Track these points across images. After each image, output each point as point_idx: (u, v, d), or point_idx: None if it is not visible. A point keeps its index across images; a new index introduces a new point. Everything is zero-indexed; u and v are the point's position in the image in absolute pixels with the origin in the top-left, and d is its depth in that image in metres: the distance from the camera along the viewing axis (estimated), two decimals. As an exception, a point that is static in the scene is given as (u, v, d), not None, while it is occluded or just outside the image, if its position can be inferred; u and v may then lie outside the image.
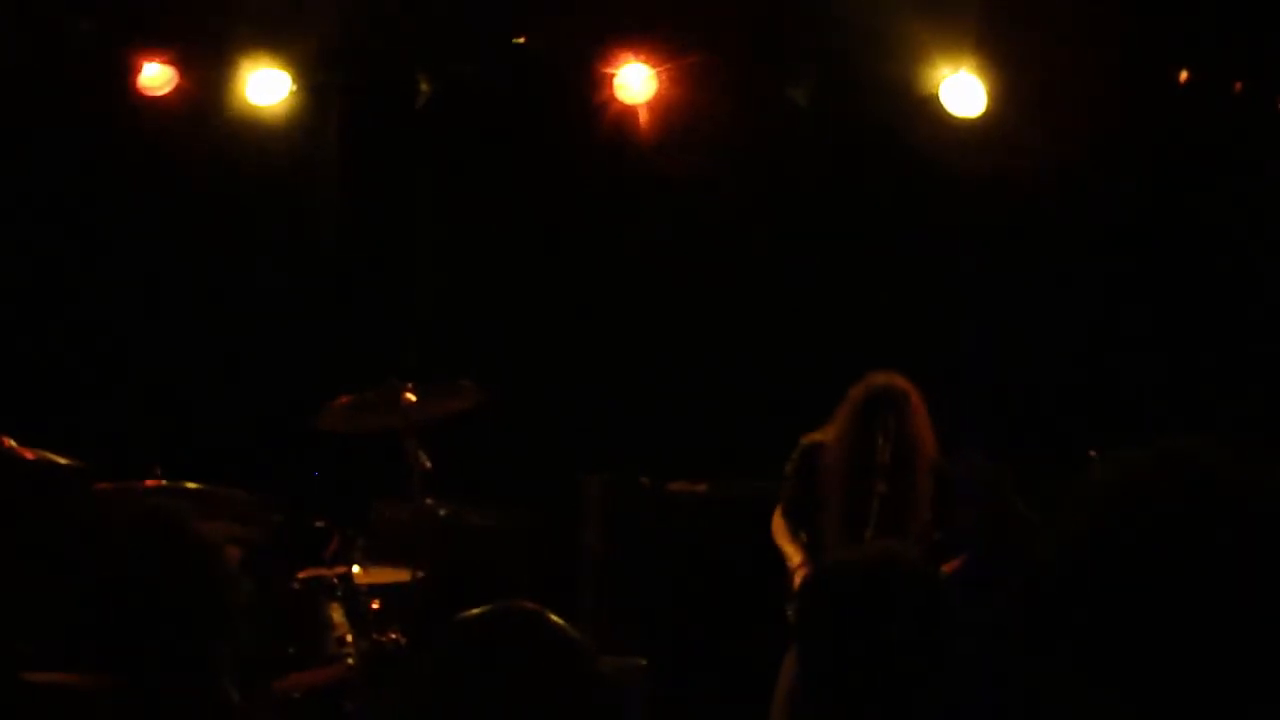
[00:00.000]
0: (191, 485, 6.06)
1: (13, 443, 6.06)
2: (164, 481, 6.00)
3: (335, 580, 6.22)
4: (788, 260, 7.93)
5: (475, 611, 2.41)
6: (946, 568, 5.80)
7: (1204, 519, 1.69)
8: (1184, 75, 6.99)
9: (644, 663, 6.86)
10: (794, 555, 6.01)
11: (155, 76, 7.80)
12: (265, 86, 7.82)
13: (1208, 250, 7.30)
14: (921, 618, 2.71)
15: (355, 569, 6.30)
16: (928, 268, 7.68)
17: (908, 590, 2.74)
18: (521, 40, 7.77)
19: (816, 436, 6.08)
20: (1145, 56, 7.01)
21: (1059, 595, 1.72)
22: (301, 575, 6.25)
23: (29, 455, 6.11)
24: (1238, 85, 6.95)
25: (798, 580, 5.89)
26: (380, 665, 6.00)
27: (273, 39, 7.71)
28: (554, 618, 2.40)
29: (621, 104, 7.74)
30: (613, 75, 7.69)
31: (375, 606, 6.26)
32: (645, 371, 8.00)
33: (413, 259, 8.31)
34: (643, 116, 7.81)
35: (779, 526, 6.12)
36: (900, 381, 5.95)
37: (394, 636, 6.11)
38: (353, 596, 6.23)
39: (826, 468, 5.97)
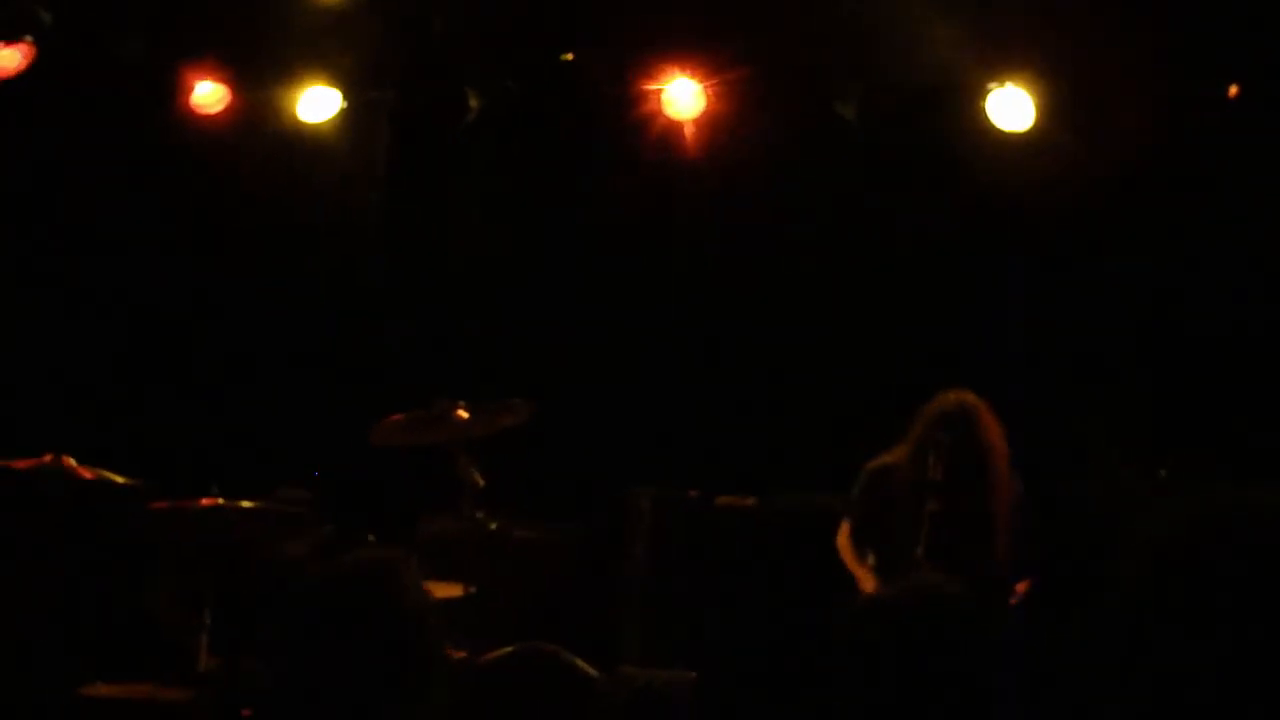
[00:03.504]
0: (247, 504, 6.12)
1: (73, 461, 6.14)
2: (220, 500, 6.06)
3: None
4: (837, 275, 7.93)
5: (495, 654, 2.44)
6: (1020, 588, 5.76)
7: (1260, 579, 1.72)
8: (1234, 90, 6.96)
9: (693, 676, 6.87)
10: (864, 580, 5.98)
11: (208, 94, 7.88)
12: (316, 103, 7.88)
13: (1260, 261, 7.25)
14: (955, 656, 2.70)
15: (408, 585, 6.32)
16: (977, 281, 7.66)
17: (940, 629, 2.72)
18: (569, 56, 7.79)
19: (886, 459, 6.03)
20: (1196, 70, 6.98)
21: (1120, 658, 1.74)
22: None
23: (88, 474, 6.20)
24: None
25: None
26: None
27: (323, 56, 7.76)
28: (572, 659, 2.41)
29: (668, 119, 7.76)
30: (660, 91, 7.71)
31: (428, 622, 6.29)
32: (694, 386, 8.01)
33: (462, 274, 8.34)
34: (689, 132, 7.82)
35: (845, 548, 6.07)
36: (966, 399, 5.86)
37: (447, 652, 6.14)
38: (405, 612, 6.25)
39: (891, 489, 5.92)
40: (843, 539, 6.08)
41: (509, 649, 2.47)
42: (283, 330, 8.19)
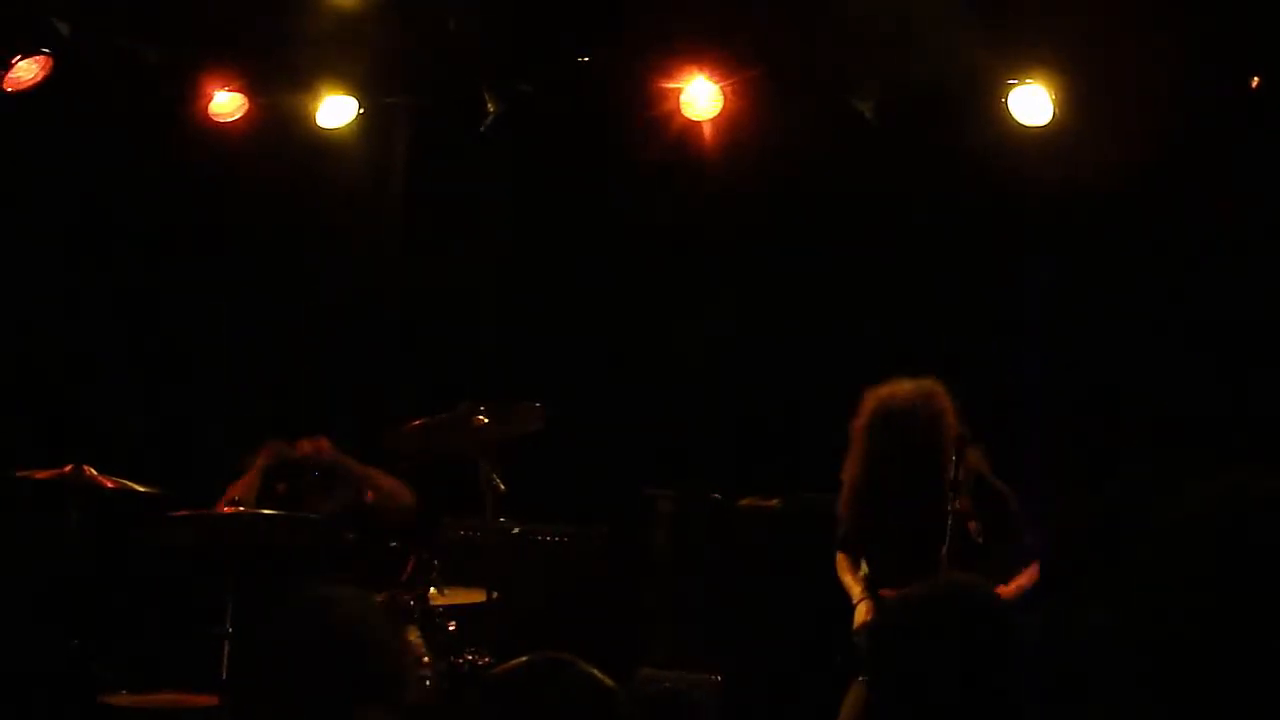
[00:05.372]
0: (268, 511, 6.12)
1: (93, 471, 6.15)
2: (240, 509, 6.06)
3: (411, 602, 6.24)
4: (857, 274, 7.89)
5: (509, 665, 2.43)
6: (1007, 588, 5.68)
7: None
8: (1256, 81, 6.90)
9: (718, 679, 6.85)
10: (853, 588, 5.95)
11: (225, 103, 7.89)
12: (333, 110, 7.89)
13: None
14: (989, 654, 2.68)
15: (432, 590, 6.32)
16: (997, 279, 7.62)
17: (975, 626, 2.71)
18: (586, 58, 7.76)
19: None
20: (1217, 63, 6.93)
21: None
22: (378, 598, 6.27)
23: (108, 483, 6.20)
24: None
25: (859, 614, 5.84)
26: (458, 687, 6.02)
27: (339, 63, 7.75)
28: (586, 667, 2.40)
29: (686, 120, 7.73)
30: (678, 91, 7.68)
31: (451, 628, 6.29)
32: (716, 387, 7.98)
33: (481, 278, 8.33)
34: (708, 132, 7.79)
35: (840, 562, 6.07)
36: (903, 395, 5.82)
37: (470, 658, 6.13)
38: (429, 618, 6.26)
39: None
40: (839, 555, 6.06)
41: (521, 660, 2.44)
42: (299, 336, 8.19)
